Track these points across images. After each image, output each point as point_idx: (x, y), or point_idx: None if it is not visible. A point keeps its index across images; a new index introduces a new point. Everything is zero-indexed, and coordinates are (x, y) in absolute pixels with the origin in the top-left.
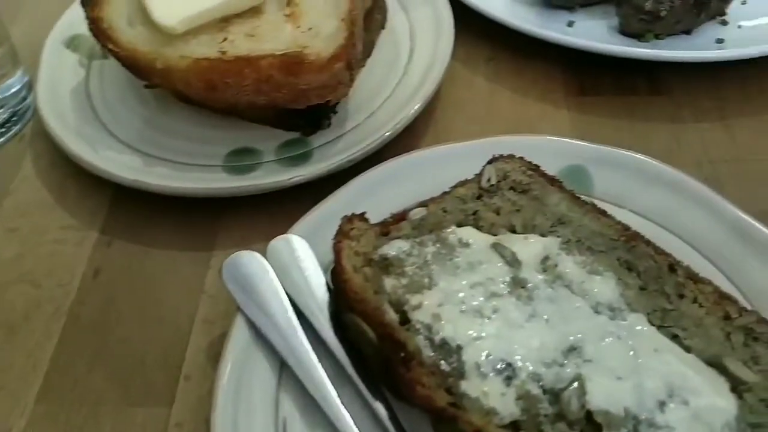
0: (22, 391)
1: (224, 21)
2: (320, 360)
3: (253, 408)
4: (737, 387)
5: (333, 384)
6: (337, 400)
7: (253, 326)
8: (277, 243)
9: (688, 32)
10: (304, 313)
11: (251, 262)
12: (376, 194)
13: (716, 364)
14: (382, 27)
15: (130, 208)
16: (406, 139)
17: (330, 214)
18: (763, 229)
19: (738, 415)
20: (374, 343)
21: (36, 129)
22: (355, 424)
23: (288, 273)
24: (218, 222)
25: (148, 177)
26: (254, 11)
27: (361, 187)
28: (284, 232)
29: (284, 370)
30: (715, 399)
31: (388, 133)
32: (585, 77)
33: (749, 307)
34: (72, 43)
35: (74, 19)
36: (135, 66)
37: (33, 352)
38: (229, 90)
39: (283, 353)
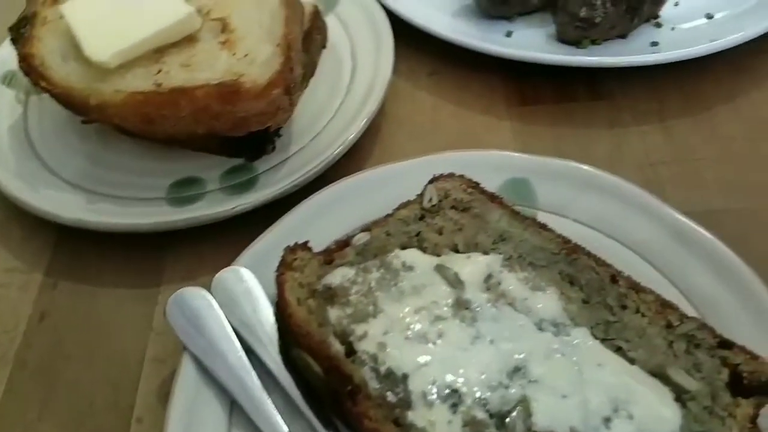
0: None
1: (158, 52)
2: (270, 394)
3: None
4: (681, 396)
5: (284, 418)
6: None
7: (201, 365)
8: (223, 276)
9: (623, 36)
10: (253, 347)
11: (196, 298)
12: (321, 219)
13: (660, 374)
14: (323, 46)
15: (74, 247)
16: (352, 159)
17: (275, 243)
18: (703, 231)
19: (683, 425)
20: (321, 377)
21: None
22: None
23: (235, 307)
24: (164, 256)
25: (90, 215)
26: (189, 40)
27: (306, 213)
28: (232, 262)
29: (234, 407)
30: (659, 410)
31: (331, 156)
32: (526, 87)
33: (690, 314)
34: (7, 79)
35: (8, 56)
36: (70, 103)
37: None
38: (167, 122)
39: (233, 391)
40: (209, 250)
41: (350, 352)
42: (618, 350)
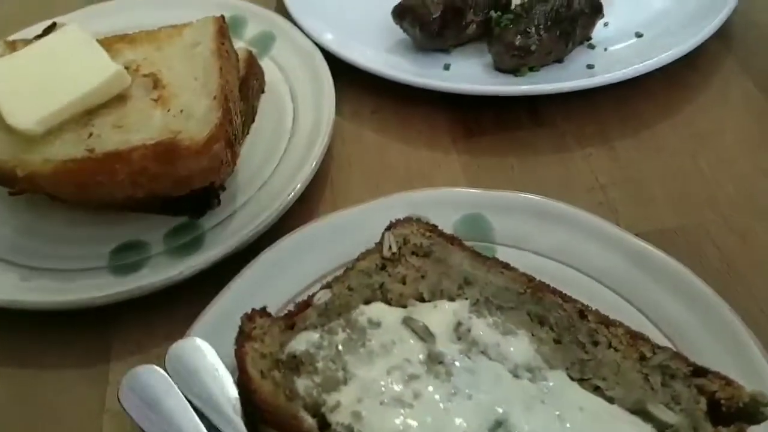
0: None
1: (87, 114)
2: None
3: None
4: (664, 430)
5: None
6: None
7: None
8: (176, 349)
9: (560, 61)
10: (216, 424)
11: (150, 376)
12: (276, 277)
13: (640, 411)
14: (262, 91)
15: (10, 327)
16: (303, 204)
17: (229, 308)
18: (660, 253)
19: None
20: None
21: None
22: None
23: (193, 381)
24: (110, 329)
25: (26, 294)
26: (119, 99)
27: (259, 273)
28: (184, 331)
29: None
30: None
31: (281, 207)
32: (468, 118)
33: (659, 340)
34: None
35: None
36: None
37: None
38: (103, 188)
39: None
40: (158, 319)
41: (324, 425)
42: (596, 389)
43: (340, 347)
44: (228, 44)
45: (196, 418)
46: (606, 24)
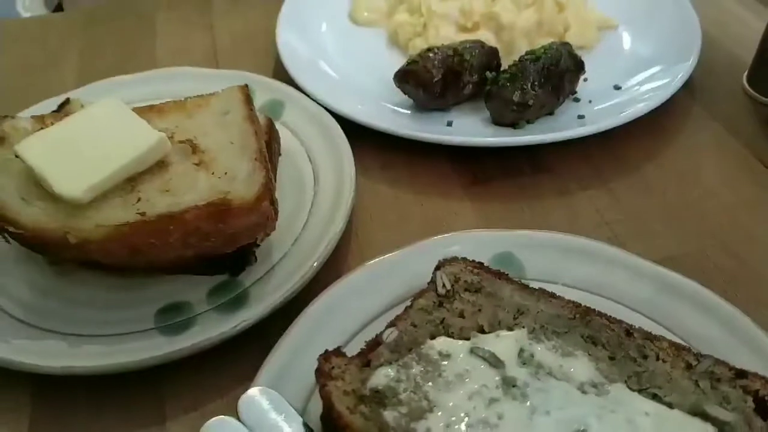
0: None
1: (131, 181)
2: None
3: None
4: (723, 428)
5: None
6: None
7: None
8: (247, 398)
9: (551, 113)
10: None
11: (226, 427)
12: (329, 324)
13: (698, 413)
14: (279, 153)
15: (56, 397)
16: (334, 257)
17: (290, 357)
18: (681, 277)
19: None
20: None
21: None
22: None
23: (266, 427)
24: (162, 389)
25: (77, 360)
26: (160, 165)
27: (312, 321)
28: (235, 383)
29: None
30: None
31: (319, 259)
32: (474, 168)
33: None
34: None
35: None
36: (42, 245)
37: None
38: (155, 250)
39: None
40: (208, 375)
41: None
42: (654, 397)
43: (418, 379)
44: (254, 110)
45: None
46: (585, 80)
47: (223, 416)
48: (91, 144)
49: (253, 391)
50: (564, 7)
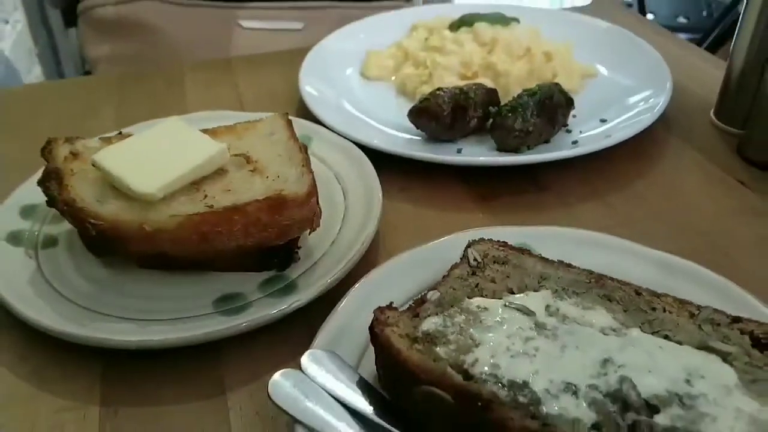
0: None
1: (195, 184)
2: None
3: None
4: (725, 358)
5: None
6: None
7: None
8: (308, 356)
9: (548, 141)
10: (357, 407)
11: (291, 376)
12: (375, 297)
13: (704, 347)
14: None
15: (124, 375)
16: (366, 258)
17: (342, 323)
18: (683, 260)
19: (739, 376)
20: (452, 404)
21: None
22: None
23: (326, 378)
24: (221, 366)
25: (147, 335)
26: (219, 172)
27: (358, 295)
28: (286, 359)
29: None
30: (718, 367)
31: (357, 255)
32: (482, 188)
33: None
34: (11, 238)
35: (9, 215)
36: (116, 236)
37: None
38: (220, 237)
39: None
40: (262, 353)
41: (468, 378)
42: (665, 338)
43: (462, 325)
44: (295, 133)
45: (337, 405)
46: (575, 116)
47: (288, 369)
48: (159, 152)
49: (313, 351)
50: (552, 57)
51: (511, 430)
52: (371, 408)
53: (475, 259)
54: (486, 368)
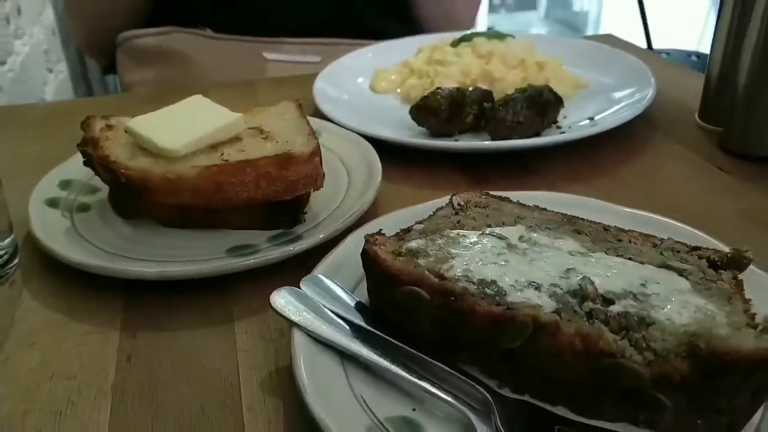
0: None
1: (214, 147)
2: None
3: (333, 390)
4: (682, 273)
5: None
6: (398, 368)
7: (308, 336)
8: (307, 279)
9: (538, 134)
10: (348, 317)
11: (291, 292)
12: None
13: (663, 266)
14: None
15: (144, 307)
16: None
17: (339, 260)
18: (654, 215)
19: (691, 287)
20: (428, 300)
21: (27, 273)
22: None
23: (324, 299)
24: (232, 299)
25: (169, 268)
26: (235, 139)
27: (357, 237)
28: None
29: (345, 362)
30: (674, 278)
31: (359, 211)
32: (477, 172)
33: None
34: (49, 203)
35: (49, 185)
36: (143, 186)
37: (87, 427)
38: (234, 188)
39: (342, 344)
40: (268, 291)
41: (443, 280)
42: (629, 259)
43: (442, 246)
44: (305, 116)
45: (334, 315)
46: (565, 117)
47: (288, 286)
48: (183, 119)
49: (312, 275)
50: (544, 67)
51: (478, 315)
52: (362, 318)
53: (458, 204)
54: (459, 272)
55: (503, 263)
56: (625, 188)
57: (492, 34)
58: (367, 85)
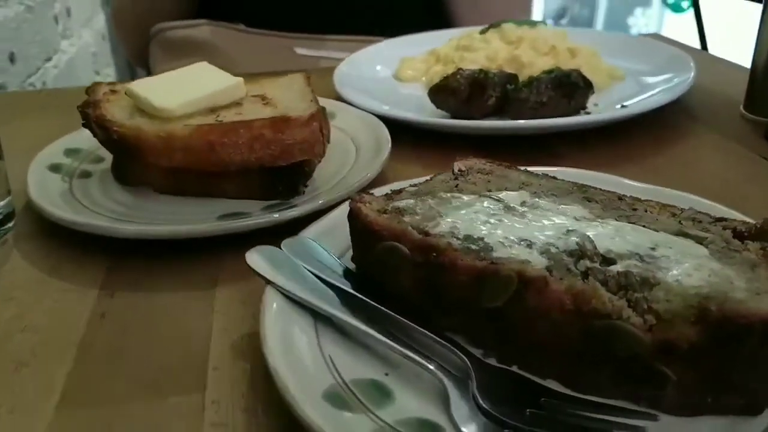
0: (39, 405)
1: (212, 111)
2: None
3: (299, 348)
4: (702, 242)
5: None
6: (373, 330)
7: (281, 294)
8: (290, 240)
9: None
10: (327, 279)
11: (271, 251)
12: None
13: (680, 234)
14: (328, 141)
15: (127, 269)
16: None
17: (328, 227)
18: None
19: (710, 253)
20: (408, 256)
21: (22, 237)
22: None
23: (305, 259)
24: (218, 264)
25: (149, 227)
26: (235, 105)
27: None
28: None
29: (318, 323)
30: (690, 244)
31: (360, 183)
32: (493, 158)
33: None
34: (52, 167)
35: (55, 152)
36: (136, 144)
37: (49, 375)
38: (226, 149)
39: (317, 305)
40: None
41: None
42: (642, 227)
43: (432, 205)
44: (312, 89)
45: (312, 276)
46: (596, 104)
47: (269, 245)
48: (184, 83)
49: (296, 237)
50: (576, 53)
51: (460, 270)
52: (345, 283)
53: (459, 170)
54: (445, 228)
55: (495, 222)
56: (660, 176)
57: (523, 21)
58: (391, 74)
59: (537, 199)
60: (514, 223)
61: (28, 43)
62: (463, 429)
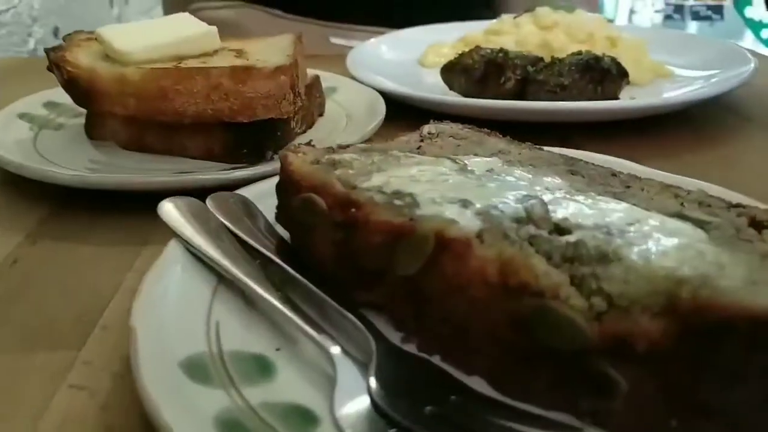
0: None
1: (179, 59)
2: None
3: (180, 309)
4: (703, 226)
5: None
6: (270, 297)
7: (188, 251)
8: (217, 195)
9: None
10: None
11: (191, 204)
12: None
13: (676, 215)
14: (321, 114)
15: (64, 220)
16: None
17: (268, 189)
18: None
19: (711, 239)
20: (324, 211)
21: None
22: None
23: (233, 219)
24: (152, 225)
25: (88, 175)
26: (205, 56)
27: None
28: None
29: (220, 285)
30: (685, 227)
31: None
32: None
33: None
34: (23, 116)
35: (33, 103)
36: (89, 87)
37: None
38: (179, 98)
39: (220, 263)
40: None
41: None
42: (632, 205)
43: (375, 160)
44: (302, 54)
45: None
46: (633, 98)
47: (190, 197)
48: (156, 30)
49: (224, 192)
50: (617, 43)
51: (373, 226)
52: (267, 244)
53: (429, 132)
54: (375, 183)
55: (439, 181)
56: (697, 172)
57: (560, 6)
58: (416, 59)
59: (509, 167)
60: (460, 183)
61: (75, 19)
62: (337, 417)
